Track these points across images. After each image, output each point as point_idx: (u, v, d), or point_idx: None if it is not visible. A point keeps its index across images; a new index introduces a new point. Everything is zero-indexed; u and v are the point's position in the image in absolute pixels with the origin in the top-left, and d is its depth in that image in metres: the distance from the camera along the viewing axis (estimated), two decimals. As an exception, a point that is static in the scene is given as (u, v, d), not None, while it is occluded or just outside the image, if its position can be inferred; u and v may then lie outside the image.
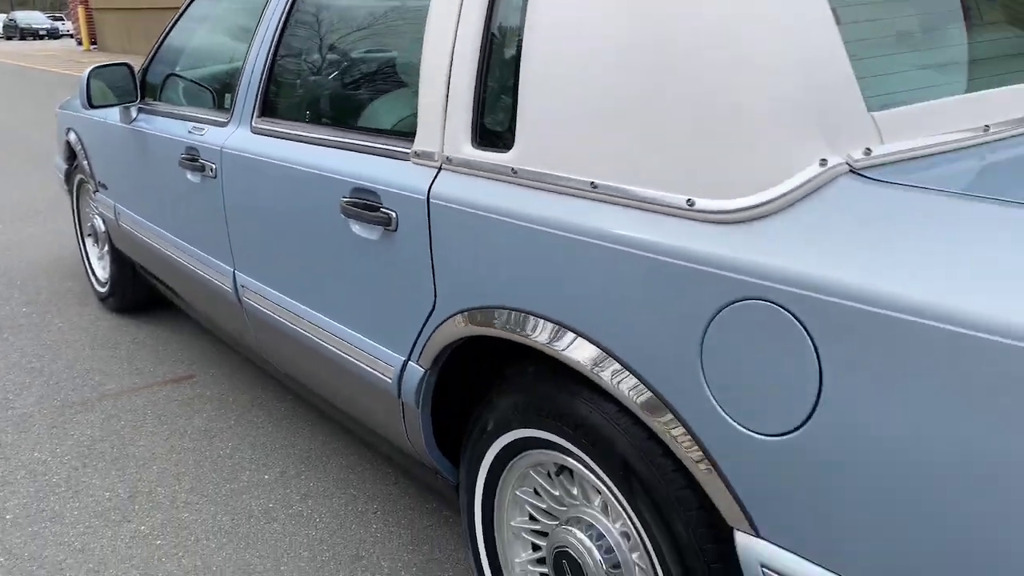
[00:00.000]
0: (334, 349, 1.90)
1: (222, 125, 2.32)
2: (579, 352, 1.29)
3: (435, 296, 1.56)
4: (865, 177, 1.06)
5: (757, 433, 1.07)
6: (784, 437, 1.05)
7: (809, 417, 1.02)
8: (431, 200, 1.53)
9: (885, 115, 1.13)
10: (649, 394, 1.20)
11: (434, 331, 1.57)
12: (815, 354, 1.00)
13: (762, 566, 1.11)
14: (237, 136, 2.22)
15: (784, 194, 1.07)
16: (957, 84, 1.22)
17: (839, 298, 0.98)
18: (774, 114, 1.09)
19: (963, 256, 0.93)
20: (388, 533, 2.18)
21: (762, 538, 1.11)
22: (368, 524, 2.22)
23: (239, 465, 2.51)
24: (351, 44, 1.94)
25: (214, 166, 2.29)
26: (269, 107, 2.15)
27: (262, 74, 2.17)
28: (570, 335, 1.30)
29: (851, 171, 1.07)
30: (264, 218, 2.10)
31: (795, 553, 1.07)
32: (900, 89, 1.19)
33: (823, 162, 1.06)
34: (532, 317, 1.37)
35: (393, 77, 1.81)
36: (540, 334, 1.35)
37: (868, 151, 1.08)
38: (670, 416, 1.18)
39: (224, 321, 2.61)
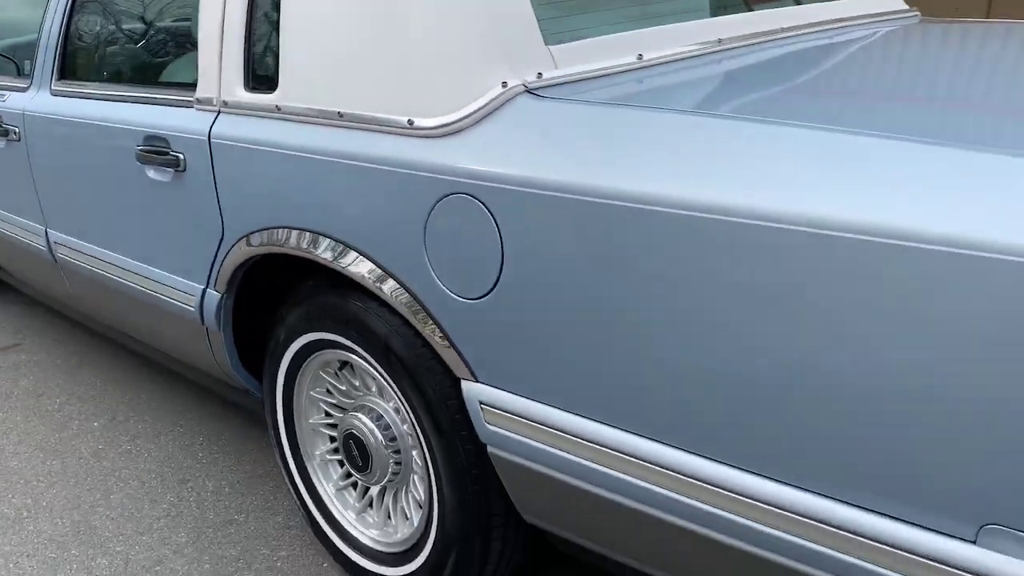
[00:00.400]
0: (143, 288, 2.08)
1: (23, 90, 2.42)
2: (335, 256, 1.55)
3: (223, 225, 1.78)
4: (538, 95, 1.36)
5: (465, 298, 1.37)
6: (483, 299, 1.35)
7: (497, 280, 1.32)
8: (212, 140, 1.74)
9: (559, 48, 1.44)
10: (395, 283, 1.48)
11: (225, 257, 1.79)
12: (497, 231, 1.30)
13: (480, 403, 1.41)
14: (38, 99, 2.33)
15: (475, 111, 1.36)
16: (619, 24, 1.55)
17: (514, 186, 1.28)
18: (466, 47, 1.38)
19: (606, 147, 1.24)
20: (213, 459, 2.38)
21: (479, 382, 1.41)
22: (195, 453, 2.42)
23: (68, 417, 2.64)
24: (140, 6, 2.11)
25: (18, 130, 2.39)
26: (67, 70, 2.28)
27: (58, 39, 2.29)
28: (331, 243, 1.56)
29: (527, 91, 1.37)
30: (69, 174, 2.23)
31: (500, 388, 1.38)
32: (573, 28, 1.50)
33: (504, 84, 1.36)
34: (305, 233, 1.61)
35: (178, 33, 1.99)
36: (310, 247, 1.60)
37: (540, 75, 1.39)
38: (412, 299, 1.46)
39: (43, 282, 2.71)
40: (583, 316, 1.25)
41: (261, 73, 1.69)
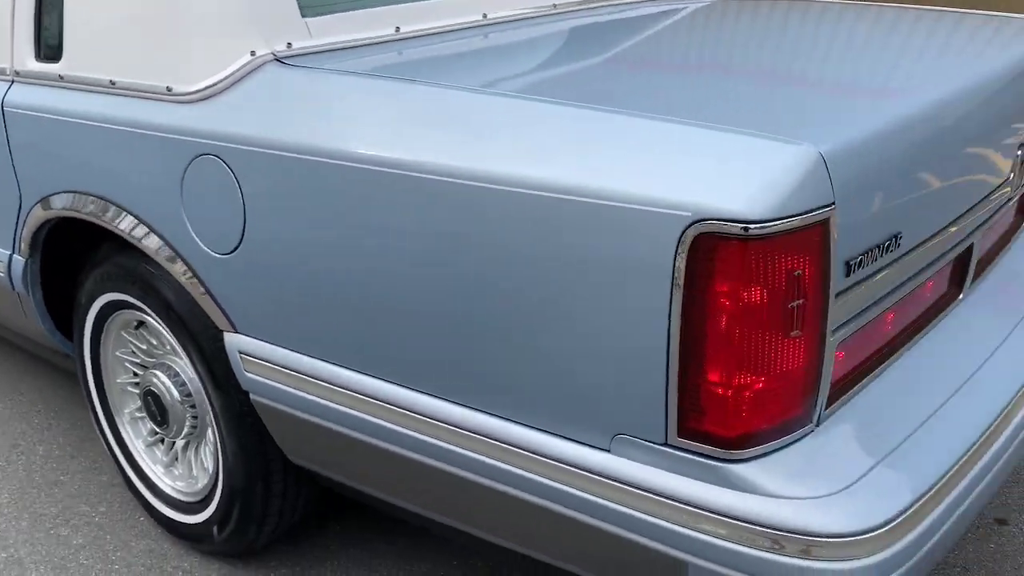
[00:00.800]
0: (-40, 256, 2.12)
1: None
2: (113, 219, 1.64)
3: (19, 191, 1.84)
4: (286, 64, 1.46)
5: (219, 254, 1.47)
6: (233, 254, 1.45)
7: (242, 236, 1.42)
8: (5, 109, 1.80)
9: (317, 19, 1.54)
10: (161, 241, 1.56)
11: (24, 222, 1.86)
12: (239, 189, 1.41)
13: (239, 352, 1.52)
14: None
15: (224, 78, 1.45)
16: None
17: (251, 147, 1.38)
18: (219, 18, 1.47)
19: (334, 113, 1.35)
20: (48, 424, 2.44)
21: (238, 332, 1.52)
22: (31, 420, 2.47)
23: (-93, 389, 2.65)
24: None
25: None
26: None
27: None
28: (110, 206, 1.64)
29: (276, 60, 1.47)
30: None
31: (256, 337, 1.49)
32: (334, 1, 1.60)
33: (253, 53, 1.46)
34: (89, 197, 1.69)
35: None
36: (94, 211, 1.68)
37: (290, 45, 1.49)
38: (177, 256, 1.55)
39: None
40: (312, 267, 1.36)
41: (50, 43, 1.75)
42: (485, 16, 1.76)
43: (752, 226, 0.97)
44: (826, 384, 1.09)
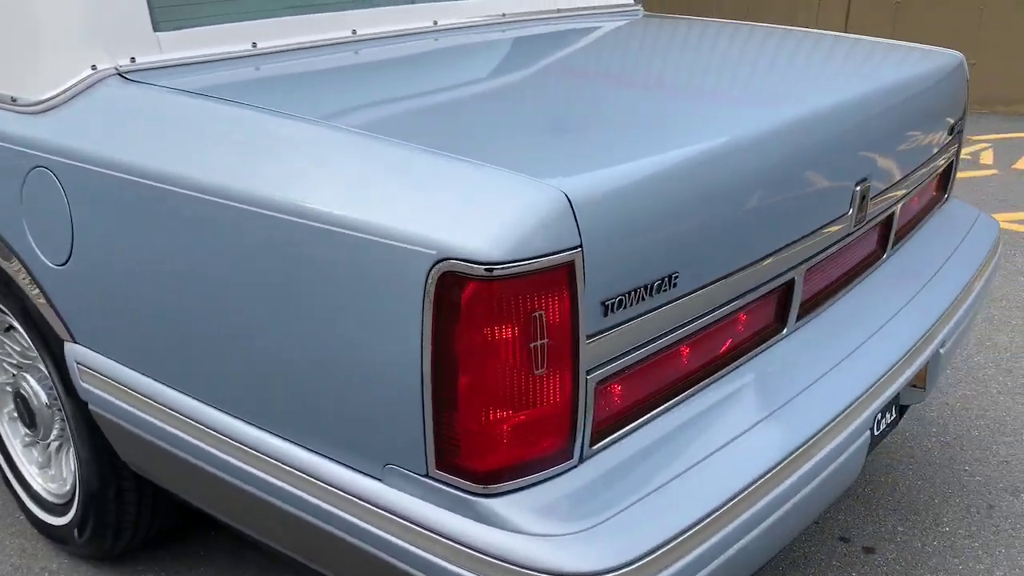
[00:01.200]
0: None
1: None
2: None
3: None
4: (127, 79, 1.47)
5: (54, 264, 1.49)
6: (65, 265, 1.47)
7: (71, 248, 1.44)
8: None
9: (171, 33, 1.55)
10: (8, 249, 1.58)
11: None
12: (67, 203, 1.42)
13: (77, 363, 1.53)
14: None
15: (63, 91, 1.47)
16: (235, 14, 1.66)
17: (77, 162, 1.40)
18: (62, 30, 1.48)
19: (160, 132, 1.36)
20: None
21: (76, 343, 1.53)
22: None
23: None
24: None
25: None
26: None
27: None
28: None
29: (118, 74, 1.48)
30: None
31: (90, 348, 1.51)
32: (190, 16, 1.61)
33: (94, 67, 1.47)
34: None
35: None
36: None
37: (133, 59, 1.50)
38: (20, 265, 1.57)
39: None
40: (123, 281, 1.38)
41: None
42: (355, 32, 1.77)
43: (495, 267, 0.97)
44: (585, 421, 1.10)
